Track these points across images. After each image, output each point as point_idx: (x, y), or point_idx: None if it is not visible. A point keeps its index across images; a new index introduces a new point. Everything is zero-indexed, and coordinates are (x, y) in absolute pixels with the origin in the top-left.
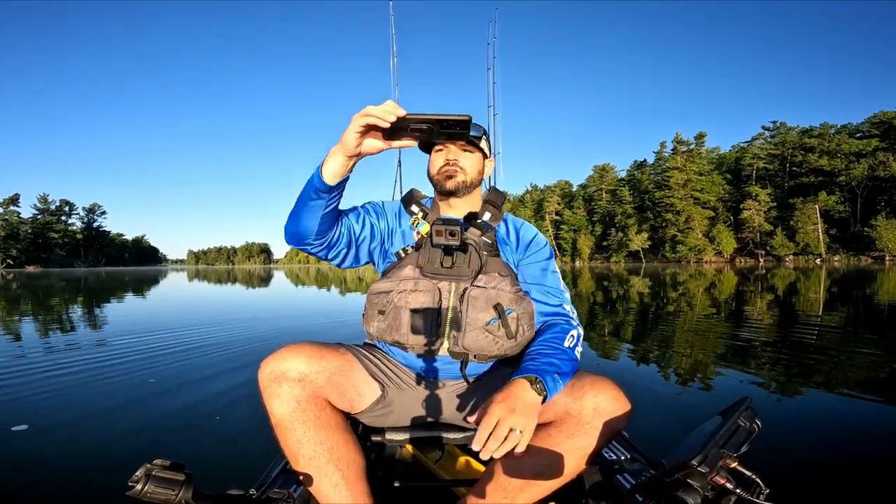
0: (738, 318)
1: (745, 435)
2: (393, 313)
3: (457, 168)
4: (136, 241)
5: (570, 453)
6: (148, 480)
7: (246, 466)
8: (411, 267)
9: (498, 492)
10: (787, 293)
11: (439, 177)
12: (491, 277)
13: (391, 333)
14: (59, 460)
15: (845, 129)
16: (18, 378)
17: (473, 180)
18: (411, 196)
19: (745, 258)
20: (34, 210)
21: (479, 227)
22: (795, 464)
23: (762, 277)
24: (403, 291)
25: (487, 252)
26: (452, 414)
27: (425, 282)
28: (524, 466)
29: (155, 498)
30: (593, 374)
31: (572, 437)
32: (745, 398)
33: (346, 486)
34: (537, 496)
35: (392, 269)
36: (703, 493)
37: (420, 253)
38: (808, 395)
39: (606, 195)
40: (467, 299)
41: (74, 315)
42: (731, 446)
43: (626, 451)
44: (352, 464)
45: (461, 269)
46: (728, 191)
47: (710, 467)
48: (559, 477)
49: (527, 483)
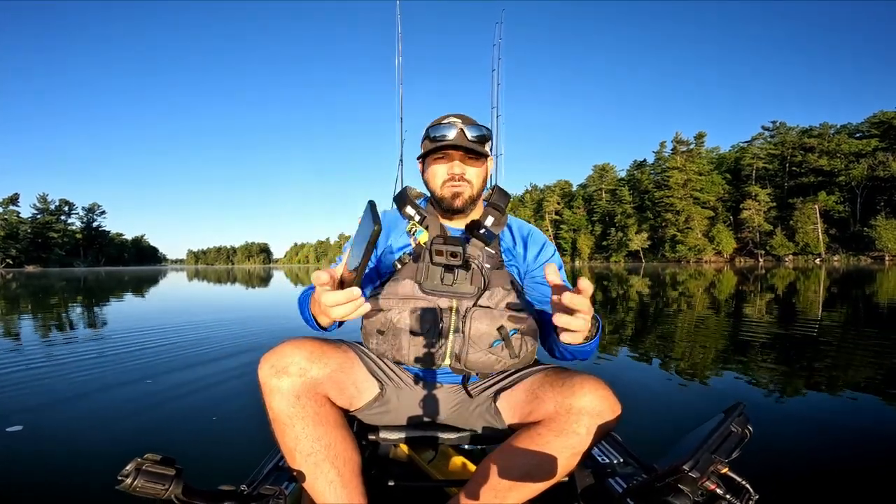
0: (735, 318)
1: (736, 440)
2: (392, 333)
3: (463, 183)
4: (135, 241)
5: (560, 453)
6: (138, 475)
7: (238, 462)
8: (410, 282)
9: (488, 492)
10: (786, 293)
11: (444, 193)
12: (495, 293)
13: (391, 353)
14: (51, 458)
15: (845, 129)
16: (11, 377)
17: (480, 191)
18: (406, 196)
19: (745, 258)
20: (34, 210)
21: (483, 238)
22: (786, 469)
23: (761, 277)
24: (403, 312)
25: (491, 265)
26: (448, 415)
27: (425, 301)
28: (514, 466)
29: (144, 492)
30: (583, 374)
31: (561, 437)
32: (737, 403)
33: (341, 483)
34: (527, 496)
35: (389, 281)
36: (694, 498)
37: (419, 267)
38: (802, 398)
39: (606, 195)
40: (470, 321)
41: (70, 314)
42: (723, 452)
43: (618, 455)
44: (348, 461)
45: (463, 287)
46: (728, 191)
47: (701, 473)
48: (549, 477)
49: (516, 483)
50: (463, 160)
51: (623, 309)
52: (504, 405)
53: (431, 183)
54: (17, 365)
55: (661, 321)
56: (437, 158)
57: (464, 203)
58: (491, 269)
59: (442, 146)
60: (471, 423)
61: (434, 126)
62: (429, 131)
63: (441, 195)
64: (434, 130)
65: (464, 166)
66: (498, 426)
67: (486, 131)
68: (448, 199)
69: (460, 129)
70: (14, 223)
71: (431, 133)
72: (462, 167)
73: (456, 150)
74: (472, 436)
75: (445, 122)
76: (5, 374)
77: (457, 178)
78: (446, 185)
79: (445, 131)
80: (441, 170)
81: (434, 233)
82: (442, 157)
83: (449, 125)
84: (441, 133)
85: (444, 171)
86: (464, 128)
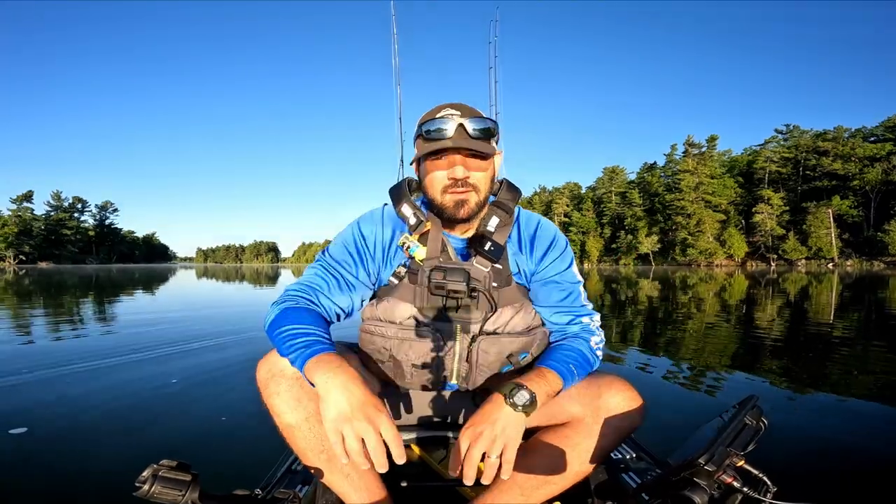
0: (747, 321)
1: (751, 433)
2: (394, 363)
3: (469, 189)
4: (146, 239)
5: (587, 452)
6: (155, 481)
7: (252, 466)
8: (409, 307)
9: (514, 489)
10: (798, 297)
11: (446, 202)
12: (503, 314)
13: (395, 380)
14: (65, 462)
15: (859, 133)
16: (20, 378)
17: (487, 196)
18: (402, 193)
19: (757, 262)
20: (47, 207)
21: (488, 255)
22: (803, 463)
23: (773, 282)
24: (402, 343)
25: (499, 283)
26: (456, 413)
27: (427, 329)
28: (540, 465)
29: (162, 498)
30: (609, 375)
31: (589, 438)
32: (751, 396)
33: (356, 475)
34: (552, 494)
35: (385, 301)
36: (710, 491)
37: (417, 290)
38: (816, 395)
39: (616, 197)
40: (477, 350)
41: (80, 313)
42: (738, 445)
43: (631, 450)
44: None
45: (468, 313)
46: (740, 194)
47: (716, 466)
48: (576, 477)
49: (543, 480)
50: (466, 161)
51: (633, 312)
52: None
53: (430, 190)
54: (25, 365)
55: (670, 323)
56: (434, 160)
57: (469, 212)
58: (499, 288)
59: (438, 149)
60: None
61: (428, 121)
62: (422, 127)
63: (442, 204)
64: (428, 126)
65: (470, 167)
66: None
67: (492, 123)
68: (450, 208)
69: (459, 123)
70: (28, 220)
71: (425, 129)
72: (465, 170)
73: (456, 151)
74: None
75: (441, 116)
76: (10, 375)
77: (459, 183)
78: (447, 192)
79: (441, 126)
80: (440, 174)
81: (433, 250)
82: (440, 158)
83: (445, 119)
84: (436, 128)
85: (443, 175)
86: (464, 121)
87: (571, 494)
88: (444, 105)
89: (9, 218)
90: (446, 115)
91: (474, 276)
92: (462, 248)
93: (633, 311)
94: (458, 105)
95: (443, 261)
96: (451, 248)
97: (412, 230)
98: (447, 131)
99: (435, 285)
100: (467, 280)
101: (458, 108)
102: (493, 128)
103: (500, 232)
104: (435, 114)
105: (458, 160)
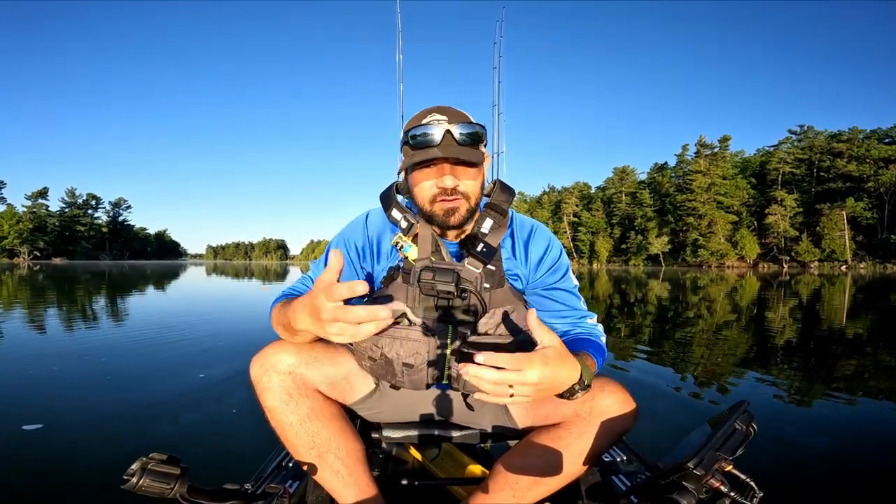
0: (752, 324)
1: (740, 438)
2: (384, 362)
3: (458, 198)
4: (158, 235)
5: (579, 453)
6: (143, 474)
7: (243, 461)
8: (401, 306)
9: (506, 490)
10: (810, 300)
11: (436, 210)
12: (494, 316)
13: (386, 378)
14: (52, 457)
15: (875, 135)
16: (18, 376)
17: (478, 201)
18: (391, 197)
19: (769, 264)
20: (62, 203)
21: (480, 257)
22: (791, 468)
23: (785, 284)
24: (393, 342)
25: (491, 284)
26: (447, 412)
27: (417, 331)
28: (532, 466)
29: (150, 492)
30: (602, 377)
31: (581, 438)
32: (741, 402)
33: (346, 471)
34: (543, 494)
35: (377, 299)
36: (698, 495)
37: (409, 291)
38: (807, 401)
39: (626, 197)
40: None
41: (85, 309)
42: (727, 449)
43: (622, 453)
44: (351, 451)
45: (459, 314)
46: (752, 195)
47: (705, 470)
48: (568, 478)
49: (535, 481)
50: (455, 169)
51: (638, 313)
52: (514, 406)
53: (419, 199)
54: (24, 363)
55: (673, 325)
56: (422, 169)
57: (460, 220)
58: (491, 289)
59: (426, 159)
60: (476, 421)
61: (414, 127)
62: (408, 134)
63: (432, 212)
64: (414, 132)
65: (458, 175)
66: (508, 425)
67: (480, 128)
68: (440, 216)
69: (446, 129)
70: (43, 216)
71: (411, 135)
72: (454, 179)
73: (444, 160)
74: (482, 434)
75: (427, 122)
76: (10, 372)
77: (448, 191)
78: (437, 201)
79: (428, 132)
80: (428, 184)
81: (424, 251)
82: (428, 166)
83: (431, 124)
84: (422, 133)
85: (432, 185)
86: (451, 127)
87: (562, 496)
88: (431, 109)
89: (24, 214)
90: (432, 120)
91: (465, 277)
92: (456, 249)
93: (639, 311)
94: (445, 108)
95: (435, 261)
96: (444, 249)
97: (405, 232)
98: (434, 137)
99: (424, 286)
100: (456, 281)
101: (444, 112)
102: (482, 132)
103: (494, 233)
104: (421, 119)
105: (447, 169)
